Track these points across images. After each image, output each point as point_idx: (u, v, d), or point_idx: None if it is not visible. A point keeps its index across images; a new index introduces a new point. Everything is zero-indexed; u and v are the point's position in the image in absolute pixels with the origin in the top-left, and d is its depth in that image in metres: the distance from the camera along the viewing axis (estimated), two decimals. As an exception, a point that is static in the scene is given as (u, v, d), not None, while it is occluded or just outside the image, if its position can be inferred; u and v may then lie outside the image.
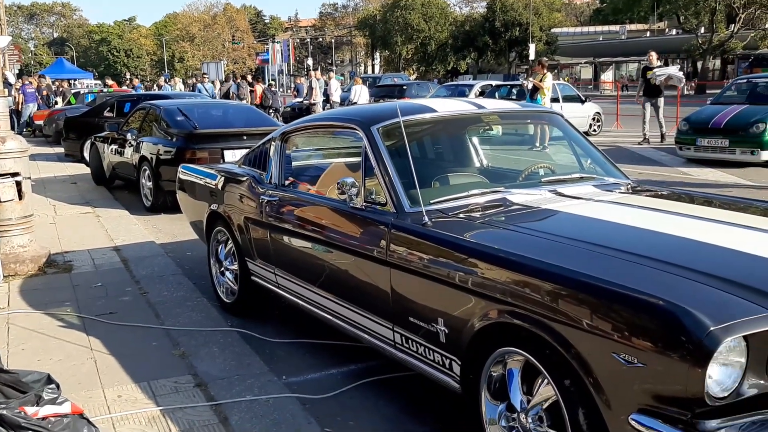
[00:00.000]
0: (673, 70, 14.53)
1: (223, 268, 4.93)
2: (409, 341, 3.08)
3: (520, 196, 3.36)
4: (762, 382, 2.05)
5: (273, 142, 4.39)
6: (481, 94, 18.63)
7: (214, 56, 64.47)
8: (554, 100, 16.74)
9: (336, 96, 19.68)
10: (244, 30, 76.74)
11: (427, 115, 3.74)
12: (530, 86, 13.52)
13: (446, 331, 2.82)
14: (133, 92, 20.10)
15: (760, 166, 10.90)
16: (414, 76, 56.03)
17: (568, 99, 16.99)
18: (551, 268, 2.40)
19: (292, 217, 3.94)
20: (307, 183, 4.25)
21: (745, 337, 1.97)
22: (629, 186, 3.69)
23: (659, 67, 14.67)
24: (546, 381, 2.42)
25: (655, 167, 11.47)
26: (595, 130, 17.39)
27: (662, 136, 14.37)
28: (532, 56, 48.23)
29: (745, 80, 13.38)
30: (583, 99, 17.63)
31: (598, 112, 17.57)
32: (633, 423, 2.08)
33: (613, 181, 3.73)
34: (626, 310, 2.10)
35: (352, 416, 3.31)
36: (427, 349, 2.98)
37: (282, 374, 3.79)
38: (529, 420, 2.52)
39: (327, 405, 3.42)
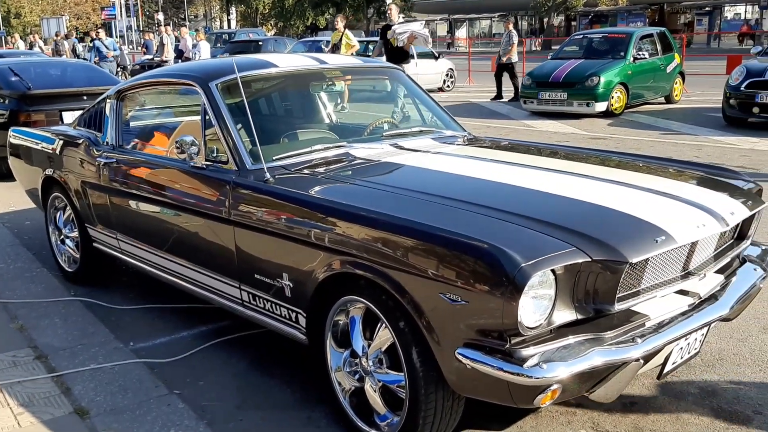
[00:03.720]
0: (416, 26, 11.09)
1: (62, 236, 4.68)
2: (257, 298, 3.10)
3: (362, 150, 3.43)
4: (569, 311, 2.26)
5: (108, 101, 4.19)
6: (338, 50, 18.56)
7: (55, 11, 59.43)
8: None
9: (189, 53, 18.85)
10: (87, -18, 71.27)
11: (268, 71, 3.70)
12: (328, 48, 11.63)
13: (291, 285, 2.87)
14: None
15: (595, 117, 11.73)
16: (272, 32, 54.67)
17: (422, 55, 17.28)
18: (385, 218, 2.49)
19: (131, 179, 3.79)
20: (146, 143, 4.10)
21: (553, 271, 2.17)
22: (465, 138, 3.87)
23: (400, 24, 11.10)
24: (384, 325, 2.53)
25: (502, 120, 12.04)
26: (448, 86, 17.90)
27: None
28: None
29: (581, 36, 14.24)
30: (437, 55, 18.02)
31: (451, 68, 18.07)
32: (459, 357, 2.23)
33: (451, 133, 3.89)
34: (449, 252, 2.23)
35: (201, 376, 3.30)
36: (273, 305, 3.02)
37: (129, 341, 3.70)
38: (370, 363, 2.64)
39: (176, 368, 3.39)
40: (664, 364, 2.53)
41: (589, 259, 2.19)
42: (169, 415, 2.91)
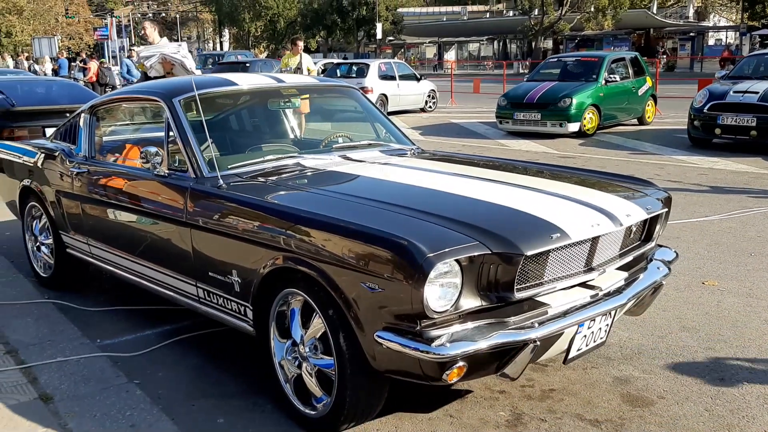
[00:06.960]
0: (171, 48, 7.79)
1: (38, 243, 4.95)
2: (211, 294, 3.38)
3: (311, 161, 3.74)
4: (475, 299, 2.55)
5: (82, 115, 4.49)
6: (323, 71, 18.98)
7: (47, 31, 59.78)
8: (391, 78, 17.42)
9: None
10: (79, 3, 71.76)
11: (228, 88, 4.01)
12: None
13: (239, 281, 3.15)
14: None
15: (568, 137, 12.10)
16: (265, 54, 55.26)
17: (404, 77, 17.72)
18: (318, 217, 2.79)
19: (101, 187, 4.08)
20: (116, 154, 4.39)
21: (458, 262, 2.46)
22: (413, 151, 4.18)
23: (151, 46, 8.08)
24: (317, 314, 2.81)
25: (477, 139, 12.39)
26: (430, 107, 18.27)
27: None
28: (379, 35, 49.16)
29: (556, 59, 14.67)
30: (419, 77, 18.43)
31: (433, 90, 18.47)
32: (378, 339, 2.52)
33: (399, 147, 4.20)
34: (367, 245, 2.53)
35: (160, 369, 3.56)
36: (225, 300, 3.29)
37: (96, 338, 3.96)
38: (307, 350, 2.92)
39: (137, 361, 3.65)
40: (568, 350, 2.81)
41: (489, 252, 2.49)
42: (126, 401, 3.18)
